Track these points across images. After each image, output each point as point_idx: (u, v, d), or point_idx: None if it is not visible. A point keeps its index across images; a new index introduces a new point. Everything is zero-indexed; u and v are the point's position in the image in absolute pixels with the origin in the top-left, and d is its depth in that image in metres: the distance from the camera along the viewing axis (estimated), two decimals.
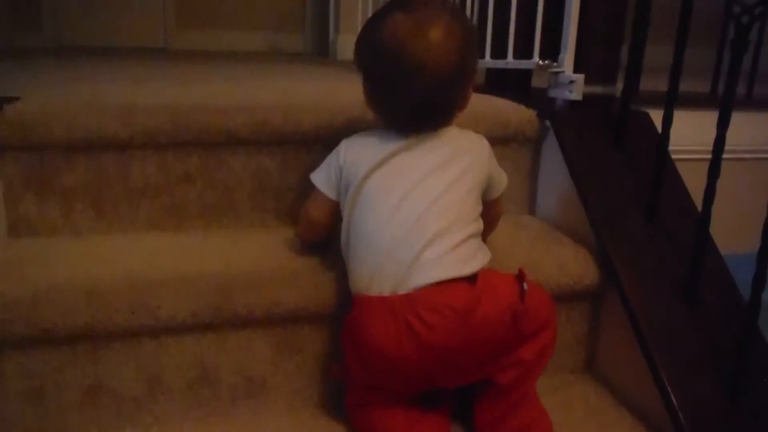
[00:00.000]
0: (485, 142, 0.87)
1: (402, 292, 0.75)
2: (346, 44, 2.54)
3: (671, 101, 0.91)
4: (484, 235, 0.86)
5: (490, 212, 0.88)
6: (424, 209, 0.77)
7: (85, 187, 0.96)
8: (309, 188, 0.88)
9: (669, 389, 0.81)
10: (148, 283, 0.82)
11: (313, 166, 0.88)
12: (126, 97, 1.04)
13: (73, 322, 0.78)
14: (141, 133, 0.95)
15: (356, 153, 0.83)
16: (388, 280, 0.76)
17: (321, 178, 0.86)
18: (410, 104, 0.80)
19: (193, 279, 0.83)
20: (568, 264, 0.94)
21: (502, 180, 0.90)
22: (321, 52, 2.94)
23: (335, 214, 0.87)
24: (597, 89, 1.07)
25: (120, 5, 2.88)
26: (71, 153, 0.95)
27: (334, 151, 0.86)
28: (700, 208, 0.85)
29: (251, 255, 0.91)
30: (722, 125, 0.81)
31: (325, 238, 0.92)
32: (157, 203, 0.99)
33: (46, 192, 0.95)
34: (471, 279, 0.76)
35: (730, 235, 1.01)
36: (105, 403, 0.83)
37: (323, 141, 1.00)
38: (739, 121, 0.84)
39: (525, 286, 0.78)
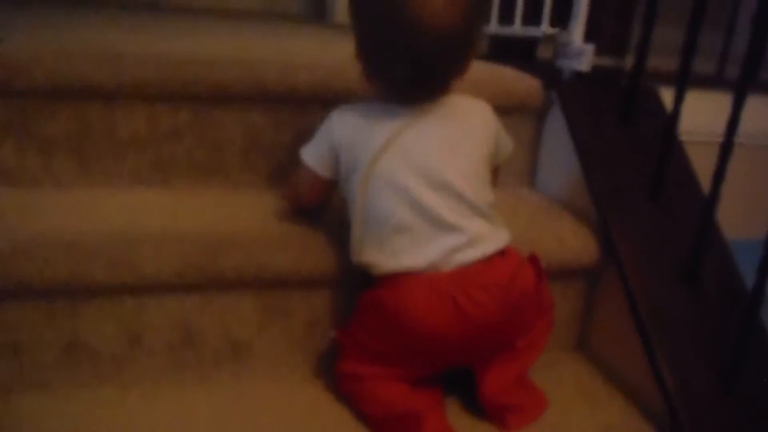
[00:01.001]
0: (488, 107, 0.83)
1: (446, 269, 0.74)
2: (343, 6, 2.46)
3: (684, 77, 0.87)
4: None
5: (492, 178, 0.85)
6: (453, 183, 0.75)
7: (69, 138, 0.92)
8: (299, 159, 0.84)
9: (664, 371, 0.80)
10: (131, 240, 0.79)
11: (309, 127, 0.84)
12: (114, 47, 0.99)
13: (51, 276, 0.75)
14: (128, 84, 0.91)
15: (355, 131, 0.78)
16: (426, 259, 0.74)
17: (312, 156, 0.81)
18: (408, 65, 0.74)
19: (178, 237, 0.80)
20: (567, 240, 0.92)
21: (508, 145, 0.87)
22: (317, 13, 2.86)
23: (327, 190, 0.84)
24: (606, 61, 1.03)
25: None
26: (54, 101, 0.90)
27: (325, 126, 0.81)
28: (704, 191, 0.83)
29: (240, 216, 0.88)
30: (737, 105, 0.78)
31: (314, 208, 0.89)
32: (143, 158, 0.95)
33: (27, 141, 0.91)
34: (501, 251, 0.77)
35: (732, 221, 0.98)
36: (83, 360, 0.80)
37: (320, 101, 0.96)
38: (747, 104, 0.80)
39: (543, 264, 0.81)
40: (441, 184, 0.75)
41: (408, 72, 0.75)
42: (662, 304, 0.85)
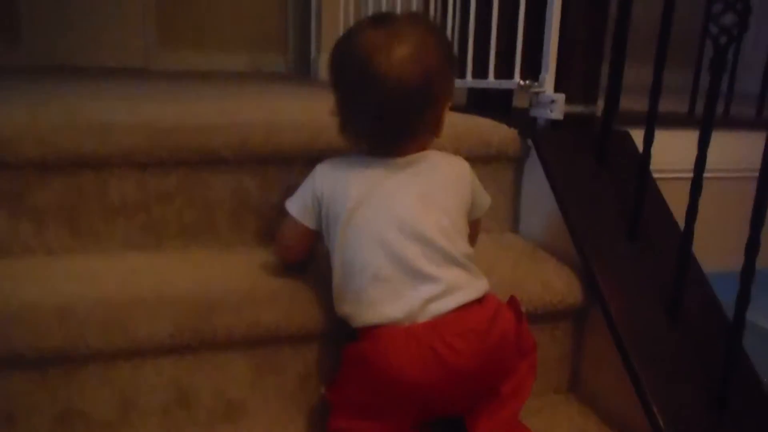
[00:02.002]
0: (464, 162, 0.87)
1: (422, 319, 0.75)
2: (327, 64, 2.53)
3: (652, 119, 0.91)
4: None
5: (471, 231, 0.88)
6: (429, 234, 0.77)
7: (60, 206, 0.94)
8: (285, 212, 0.86)
9: (653, 407, 0.80)
10: (123, 304, 0.80)
11: (295, 185, 0.87)
12: (104, 115, 1.03)
13: (44, 343, 0.76)
14: (118, 153, 0.93)
15: (335, 183, 0.81)
16: (404, 309, 0.75)
17: (296, 207, 0.85)
18: (372, 117, 0.79)
19: (170, 299, 0.82)
20: (551, 282, 0.94)
21: (485, 200, 0.90)
22: (303, 71, 2.94)
23: (312, 240, 0.86)
24: (578, 108, 1.07)
25: (101, 24, 2.86)
26: (46, 171, 0.92)
27: (309, 178, 0.84)
28: (680, 227, 0.86)
29: (230, 275, 0.90)
30: (703, 143, 0.82)
31: (303, 260, 0.91)
32: (134, 222, 0.97)
33: (18, 210, 0.93)
34: (479, 299, 0.78)
35: (709, 255, 1.01)
36: (77, 428, 0.81)
37: (304, 160, 0.99)
38: (717, 140, 0.84)
39: (523, 308, 0.83)
40: (418, 235, 0.77)
41: (372, 123, 0.80)
42: (648, 339, 0.86)
